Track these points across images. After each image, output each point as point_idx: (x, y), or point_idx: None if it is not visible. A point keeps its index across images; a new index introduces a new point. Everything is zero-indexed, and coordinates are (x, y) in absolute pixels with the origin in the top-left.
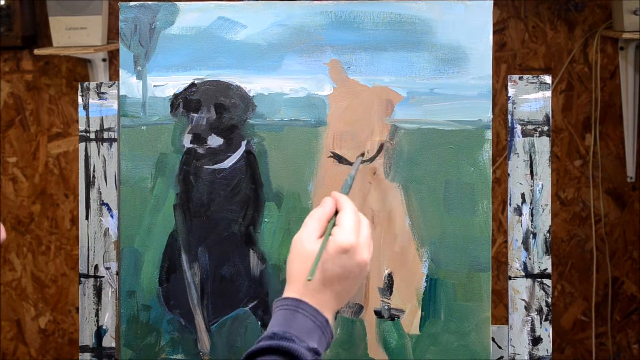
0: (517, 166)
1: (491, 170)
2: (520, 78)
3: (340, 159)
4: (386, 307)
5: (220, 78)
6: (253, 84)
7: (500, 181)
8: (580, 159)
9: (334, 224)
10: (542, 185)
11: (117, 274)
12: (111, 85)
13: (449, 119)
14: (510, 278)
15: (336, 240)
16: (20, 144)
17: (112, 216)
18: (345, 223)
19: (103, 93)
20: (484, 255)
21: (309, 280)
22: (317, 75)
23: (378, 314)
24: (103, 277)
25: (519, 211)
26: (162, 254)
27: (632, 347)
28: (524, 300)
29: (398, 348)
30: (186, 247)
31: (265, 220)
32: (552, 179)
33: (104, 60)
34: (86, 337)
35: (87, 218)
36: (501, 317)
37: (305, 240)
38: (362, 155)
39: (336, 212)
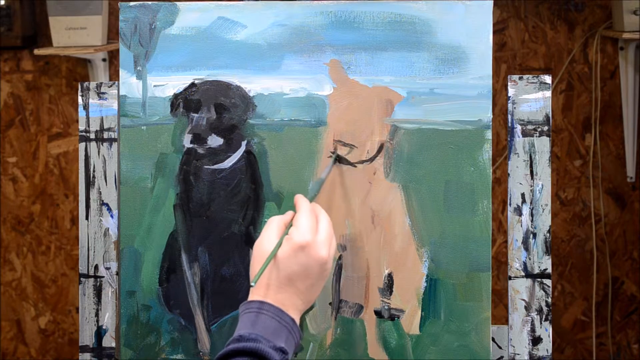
0: (517, 166)
1: (491, 170)
2: (520, 78)
3: (340, 158)
4: (386, 307)
5: (220, 78)
6: (253, 84)
7: (500, 181)
8: (580, 159)
9: (291, 226)
10: (542, 185)
11: (117, 274)
12: (111, 85)
13: (449, 119)
14: (510, 278)
15: (292, 239)
16: (20, 144)
17: (112, 216)
18: (300, 223)
19: (103, 93)
20: (484, 255)
21: (252, 286)
22: (317, 75)
23: (378, 314)
24: (103, 277)
25: (519, 211)
26: (162, 254)
27: (632, 347)
28: (524, 300)
29: (398, 348)
30: (186, 247)
31: (266, 220)
32: (552, 179)
33: (104, 60)
34: (86, 337)
35: (87, 218)
36: (501, 317)
37: (264, 242)
38: (335, 153)
39: None
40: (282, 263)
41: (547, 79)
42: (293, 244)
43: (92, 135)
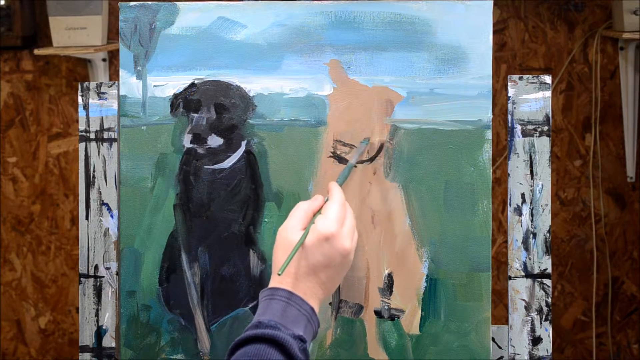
0: (517, 166)
1: (491, 170)
2: (520, 78)
3: (340, 159)
4: (386, 307)
5: (220, 78)
6: (253, 84)
7: (500, 181)
8: (580, 159)
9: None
10: (542, 185)
11: (117, 274)
12: (111, 85)
13: (449, 119)
14: (510, 278)
15: (317, 228)
16: (20, 144)
17: (112, 216)
18: (329, 212)
19: (103, 93)
20: (484, 255)
21: (279, 275)
22: (317, 75)
23: (378, 314)
24: (103, 277)
25: (519, 211)
26: (162, 254)
27: (632, 347)
28: (524, 300)
29: (398, 348)
30: (186, 247)
31: (265, 220)
32: (552, 179)
33: (104, 60)
34: (86, 337)
35: (87, 218)
36: (501, 317)
37: (289, 230)
38: (367, 139)
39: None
40: (307, 252)
41: (547, 79)
42: (318, 233)
43: (92, 135)
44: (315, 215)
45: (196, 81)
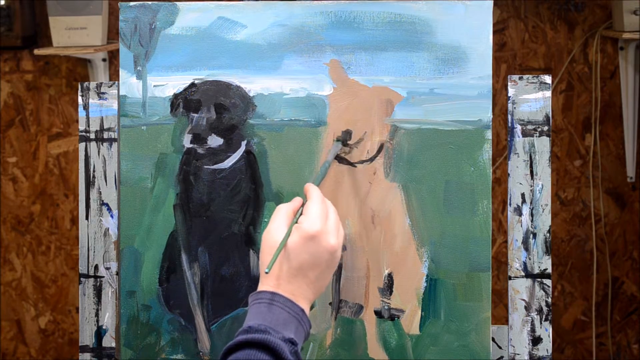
0: (517, 166)
1: (491, 170)
2: (520, 78)
3: (340, 159)
4: (386, 307)
5: (220, 78)
6: (253, 84)
7: (500, 181)
8: (580, 159)
9: (301, 214)
10: (542, 185)
11: (117, 274)
12: (111, 85)
13: (449, 119)
14: (510, 278)
15: (302, 228)
16: (20, 144)
17: (112, 216)
18: (311, 211)
19: (103, 93)
20: (484, 255)
21: (267, 272)
22: (317, 75)
23: (378, 314)
24: (103, 277)
25: (519, 211)
26: (162, 254)
27: (632, 347)
28: (524, 300)
29: (398, 348)
30: (186, 247)
31: (265, 220)
32: (552, 179)
33: (104, 60)
34: (86, 337)
35: (87, 218)
36: (501, 317)
37: (273, 232)
38: (339, 140)
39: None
40: (292, 253)
41: (547, 79)
42: (303, 232)
43: (92, 135)
44: (296, 214)
45: (196, 81)
